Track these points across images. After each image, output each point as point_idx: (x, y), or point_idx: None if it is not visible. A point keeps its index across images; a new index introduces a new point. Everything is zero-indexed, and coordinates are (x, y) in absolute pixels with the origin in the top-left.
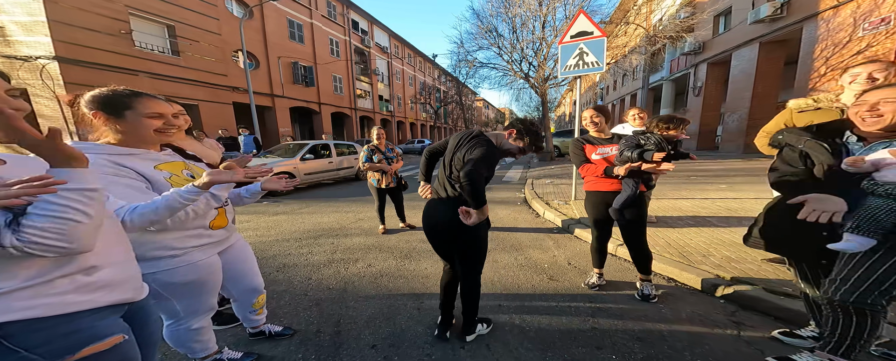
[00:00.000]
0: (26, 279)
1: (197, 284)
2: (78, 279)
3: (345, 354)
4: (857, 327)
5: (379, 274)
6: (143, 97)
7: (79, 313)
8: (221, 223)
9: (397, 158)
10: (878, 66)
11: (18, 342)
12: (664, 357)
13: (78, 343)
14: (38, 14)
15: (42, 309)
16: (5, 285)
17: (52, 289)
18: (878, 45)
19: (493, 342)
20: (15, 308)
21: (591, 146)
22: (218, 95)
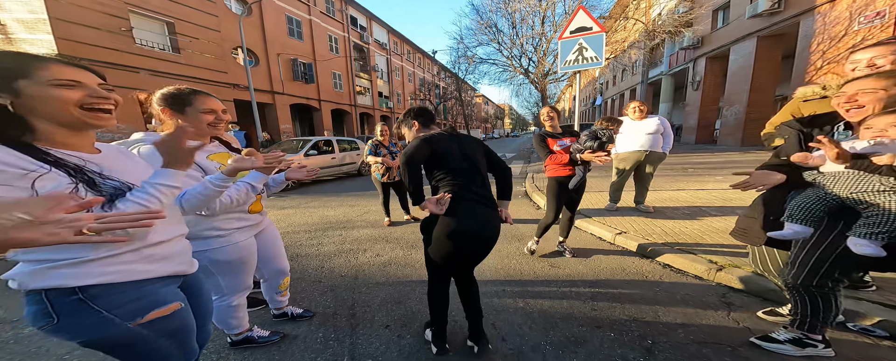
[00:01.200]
0: (103, 249)
1: (238, 263)
2: (142, 252)
3: (361, 333)
4: (812, 306)
5: (387, 262)
6: (200, 95)
7: (144, 281)
8: (257, 208)
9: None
10: (880, 51)
11: (100, 303)
12: (659, 334)
13: (144, 307)
14: (39, 12)
15: (115, 276)
16: (87, 255)
17: (122, 259)
18: (873, 39)
19: (499, 322)
20: (95, 273)
21: (552, 139)
22: (218, 92)
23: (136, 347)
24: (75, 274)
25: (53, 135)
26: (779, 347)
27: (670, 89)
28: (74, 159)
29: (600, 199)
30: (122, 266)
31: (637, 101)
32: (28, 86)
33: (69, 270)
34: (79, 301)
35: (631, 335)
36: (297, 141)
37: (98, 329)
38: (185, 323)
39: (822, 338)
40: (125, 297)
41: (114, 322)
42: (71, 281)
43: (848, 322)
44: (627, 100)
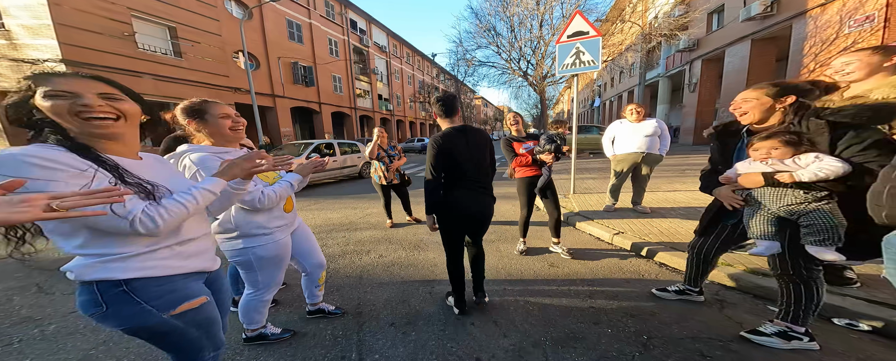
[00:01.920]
0: (142, 246)
1: (277, 259)
2: (175, 249)
3: (367, 331)
4: (797, 296)
5: (391, 263)
6: (211, 103)
7: (176, 276)
8: (289, 207)
9: (399, 155)
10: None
11: (140, 295)
12: (654, 329)
13: (177, 300)
14: (43, 17)
15: (152, 270)
16: (129, 250)
17: (158, 255)
18: (863, 42)
19: (501, 319)
20: (136, 267)
21: (517, 143)
22: (220, 96)
23: (171, 336)
24: (121, 268)
25: (93, 142)
26: (766, 340)
27: (667, 91)
28: (112, 161)
29: (599, 200)
30: (159, 261)
31: (634, 104)
32: (37, 98)
33: (116, 264)
34: (123, 292)
35: (627, 331)
36: (299, 144)
37: (138, 318)
38: (212, 315)
39: (805, 331)
40: (160, 290)
41: (151, 313)
42: (117, 274)
43: (833, 318)
44: (625, 102)
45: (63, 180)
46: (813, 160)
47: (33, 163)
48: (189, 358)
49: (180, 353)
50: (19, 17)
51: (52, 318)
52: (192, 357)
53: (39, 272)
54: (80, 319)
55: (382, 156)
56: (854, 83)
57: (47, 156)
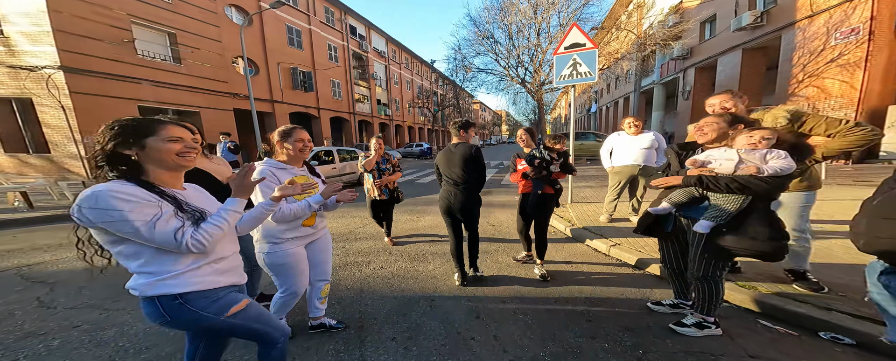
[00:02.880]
0: (187, 264)
1: (287, 267)
2: (213, 266)
3: (369, 345)
4: (707, 293)
5: (391, 275)
6: (297, 129)
7: (217, 288)
8: (310, 222)
9: (393, 169)
10: (724, 97)
11: (193, 305)
12: (649, 344)
13: (225, 306)
14: (43, 24)
15: (197, 285)
16: (178, 268)
17: (201, 271)
18: (849, 54)
19: (501, 334)
20: (185, 283)
21: (519, 159)
22: (219, 102)
23: (238, 330)
24: (174, 284)
25: (159, 176)
26: (686, 330)
27: (662, 98)
28: (171, 193)
29: (596, 210)
30: (201, 277)
31: (632, 117)
32: (153, 142)
33: (170, 281)
34: (180, 304)
35: (624, 345)
36: None
37: (199, 322)
38: (261, 311)
39: (714, 320)
40: (208, 300)
41: (208, 318)
42: (173, 290)
43: (819, 332)
44: (621, 109)
45: (139, 210)
46: (783, 156)
47: (119, 198)
48: (268, 342)
49: (260, 340)
50: (19, 23)
51: (56, 333)
52: (271, 342)
53: (41, 285)
54: (85, 334)
55: (372, 170)
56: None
57: (129, 191)
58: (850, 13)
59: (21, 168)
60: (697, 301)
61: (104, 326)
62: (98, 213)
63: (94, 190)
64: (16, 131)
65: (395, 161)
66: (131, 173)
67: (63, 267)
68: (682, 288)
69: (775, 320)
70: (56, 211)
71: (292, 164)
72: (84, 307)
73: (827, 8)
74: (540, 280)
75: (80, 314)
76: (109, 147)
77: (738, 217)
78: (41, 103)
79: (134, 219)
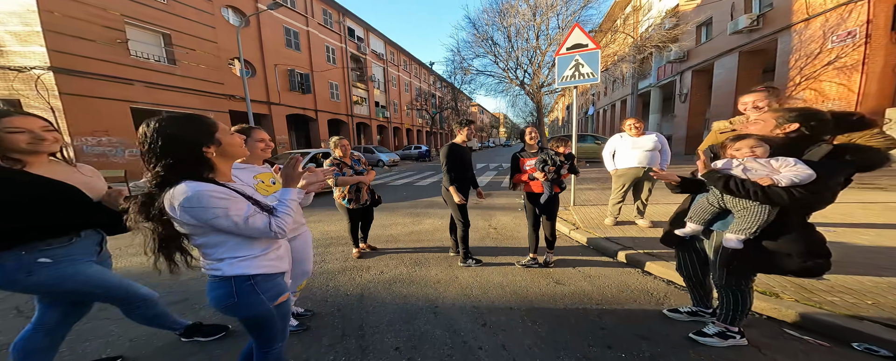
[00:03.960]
0: (260, 249)
1: None
2: (276, 252)
3: (371, 355)
4: (732, 302)
5: (392, 280)
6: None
7: (276, 274)
8: None
9: (367, 170)
10: (758, 96)
11: (260, 288)
12: (669, 353)
13: (278, 293)
14: (33, 24)
15: (266, 269)
16: (254, 252)
17: (268, 256)
18: (846, 57)
19: (509, 343)
20: (261, 265)
21: (523, 159)
22: (214, 103)
23: (269, 323)
24: (249, 267)
25: (225, 171)
26: (708, 340)
27: (659, 101)
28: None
29: (599, 213)
30: (269, 261)
31: (632, 119)
32: (223, 137)
33: (246, 263)
34: (251, 285)
35: (642, 355)
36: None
37: (257, 307)
38: (289, 309)
39: (738, 330)
40: (270, 284)
41: (264, 303)
42: (249, 271)
43: (852, 343)
44: (618, 111)
45: (234, 205)
46: (793, 164)
47: (217, 196)
48: (268, 345)
49: (266, 340)
50: (8, 23)
51: None
52: (270, 345)
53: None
54: (65, 345)
55: (349, 174)
56: None
57: (221, 190)
58: (846, 16)
59: None
60: (722, 309)
61: (87, 337)
62: (202, 211)
63: (194, 192)
64: None
65: (365, 162)
66: (203, 173)
67: None
68: (700, 297)
69: (803, 330)
70: None
71: (251, 163)
72: None
73: (823, 11)
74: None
75: None
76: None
77: (770, 230)
78: (29, 104)
79: (233, 214)
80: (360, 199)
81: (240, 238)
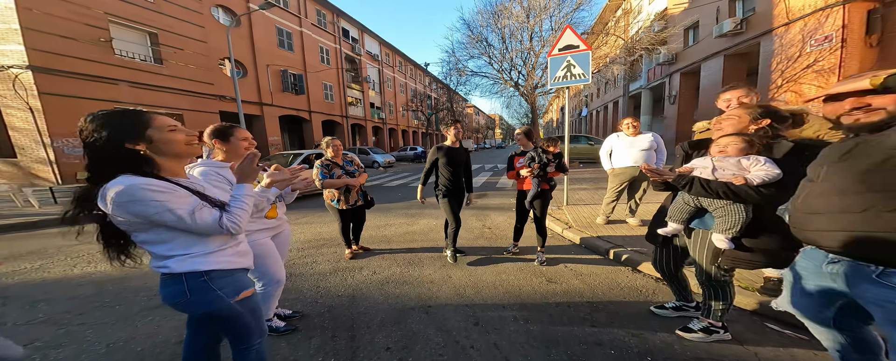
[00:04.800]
0: (216, 246)
1: (263, 256)
2: (234, 248)
3: (362, 356)
4: (713, 297)
5: (384, 280)
6: (237, 129)
7: (236, 270)
8: (273, 215)
9: (360, 171)
10: (741, 92)
11: (215, 284)
12: (657, 349)
13: (238, 289)
14: (11, 21)
15: (223, 264)
16: (209, 248)
17: (225, 252)
18: (823, 61)
19: (501, 341)
20: (216, 261)
21: (517, 158)
22: (204, 104)
23: (236, 320)
24: (202, 263)
25: (171, 168)
26: (695, 336)
27: (650, 102)
28: (192, 185)
29: (592, 212)
30: (227, 257)
31: (630, 118)
32: (154, 134)
33: (199, 259)
34: (204, 281)
35: (631, 352)
36: (288, 154)
37: (214, 303)
38: (259, 304)
39: (722, 325)
40: (228, 280)
41: (223, 299)
42: (200, 267)
43: None
44: (611, 113)
45: (177, 199)
46: (763, 163)
47: (154, 190)
48: (246, 343)
49: (239, 338)
50: None
51: None
52: (249, 342)
53: None
54: (37, 352)
55: (339, 176)
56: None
57: (158, 183)
58: (823, 21)
59: None
60: (705, 305)
61: (61, 343)
62: (137, 205)
63: (127, 186)
64: None
65: (357, 164)
66: (144, 168)
67: (19, 279)
68: (680, 290)
69: (783, 323)
70: (19, 218)
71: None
72: (39, 323)
73: (802, 16)
74: (538, 264)
75: (34, 330)
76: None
77: (751, 227)
78: (7, 104)
79: (176, 208)
80: (349, 200)
81: (192, 234)
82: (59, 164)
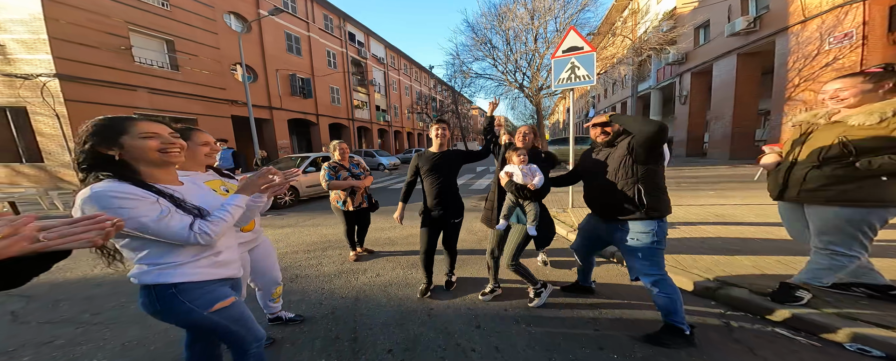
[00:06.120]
0: (188, 256)
1: None
2: (211, 259)
3: (364, 358)
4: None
5: (387, 283)
6: (195, 131)
7: (211, 281)
8: (250, 227)
9: (365, 174)
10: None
11: (185, 296)
12: (661, 355)
13: (212, 300)
14: (39, 32)
15: (194, 276)
16: (180, 260)
17: (199, 263)
18: (844, 58)
19: (503, 344)
20: (186, 273)
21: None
22: (216, 109)
23: (217, 330)
24: (171, 274)
25: (152, 174)
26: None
27: (659, 103)
28: (169, 190)
29: None
30: (200, 269)
31: None
32: (127, 140)
33: (168, 271)
34: (173, 294)
35: (634, 356)
36: (295, 158)
37: (186, 315)
38: (244, 311)
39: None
40: (199, 292)
41: (194, 311)
42: (169, 279)
43: (846, 344)
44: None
45: (141, 207)
46: (538, 172)
47: (119, 197)
48: (241, 349)
49: (232, 345)
50: (15, 31)
51: (25, 350)
52: (244, 348)
53: (17, 298)
54: (57, 350)
55: (345, 178)
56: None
57: (126, 191)
58: (842, 18)
59: (13, 177)
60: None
61: (79, 341)
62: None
63: (93, 192)
64: (9, 140)
65: (363, 167)
66: (124, 173)
67: (43, 278)
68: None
69: (794, 330)
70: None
71: (189, 169)
72: (60, 321)
73: (819, 13)
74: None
75: (55, 329)
76: (88, 148)
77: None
78: (35, 111)
79: (138, 216)
80: (354, 202)
81: (164, 244)
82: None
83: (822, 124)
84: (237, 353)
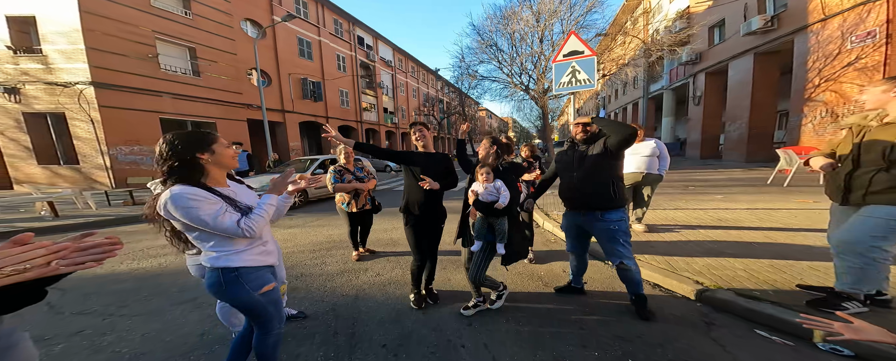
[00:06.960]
0: (244, 245)
1: None
2: (260, 248)
3: (359, 352)
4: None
5: (387, 282)
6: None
7: (260, 267)
8: None
9: (369, 177)
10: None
11: (244, 279)
12: (639, 352)
13: (261, 283)
14: (78, 42)
15: (250, 262)
16: (238, 248)
17: (252, 251)
18: (866, 58)
19: (491, 341)
20: (245, 259)
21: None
22: (233, 112)
23: (258, 308)
24: (234, 260)
25: (214, 178)
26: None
27: (672, 104)
28: (225, 192)
29: None
30: (253, 256)
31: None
32: (217, 148)
33: (232, 257)
34: (235, 276)
35: (614, 353)
36: (305, 160)
37: (242, 295)
38: (278, 296)
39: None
40: (253, 276)
41: (249, 292)
42: (233, 264)
43: (819, 344)
44: (630, 115)
45: (206, 206)
46: (505, 190)
47: (190, 197)
48: (267, 328)
49: (262, 323)
50: (57, 42)
51: (59, 338)
52: (269, 327)
53: (54, 291)
54: (85, 339)
55: (350, 180)
56: None
57: (196, 193)
58: (864, 16)
59: (52, 178)
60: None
61: (105, 332)
62: (180, 211)
63: (172, 194)
64: (49, 144)
65: (367, 170)
66: (192, 177)
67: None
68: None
69: (773, 330)
70: (78, 219)
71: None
72: (89, 313)
73: (840, 11)
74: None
75: (85, 319)
76: (182, 151)
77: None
78: (73, 117)
79: (203, 215)
80: (358, 204)
81: (223, 235)
82: (113, 170)
83: (875, 126)
84: (263, 331)
